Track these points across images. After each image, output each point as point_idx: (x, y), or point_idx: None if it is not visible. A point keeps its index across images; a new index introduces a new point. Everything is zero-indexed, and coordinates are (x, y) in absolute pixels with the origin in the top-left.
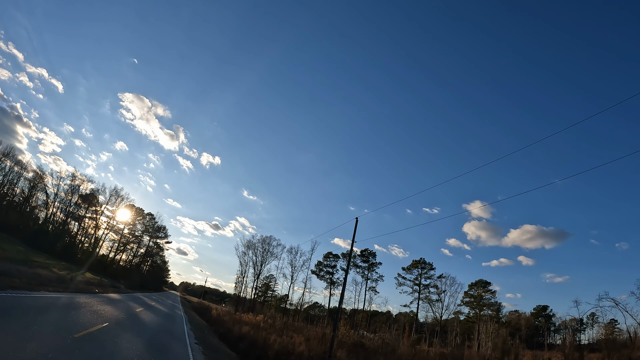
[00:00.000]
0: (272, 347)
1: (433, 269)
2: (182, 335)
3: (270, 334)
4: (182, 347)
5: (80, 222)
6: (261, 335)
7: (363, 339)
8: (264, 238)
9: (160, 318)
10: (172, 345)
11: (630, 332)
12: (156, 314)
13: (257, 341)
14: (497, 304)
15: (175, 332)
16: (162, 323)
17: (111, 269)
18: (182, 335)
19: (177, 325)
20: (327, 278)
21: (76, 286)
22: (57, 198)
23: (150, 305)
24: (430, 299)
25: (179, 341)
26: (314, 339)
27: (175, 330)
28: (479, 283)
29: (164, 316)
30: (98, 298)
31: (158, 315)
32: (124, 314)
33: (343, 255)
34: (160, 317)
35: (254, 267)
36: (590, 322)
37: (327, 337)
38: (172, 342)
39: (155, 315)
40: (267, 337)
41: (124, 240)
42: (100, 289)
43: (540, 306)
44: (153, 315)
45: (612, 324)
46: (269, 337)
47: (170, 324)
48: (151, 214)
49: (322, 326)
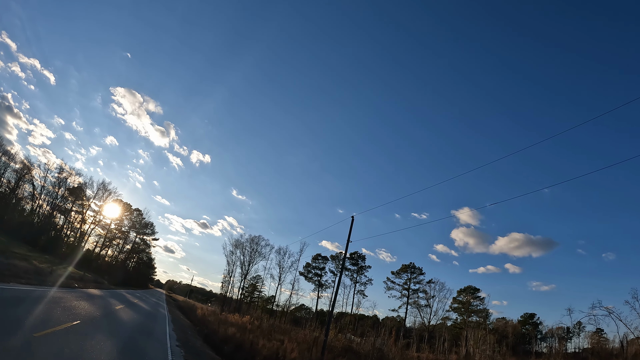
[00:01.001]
0: (261, 352)
1: (422, 274)
2: (163, 336)
3: (257, 337)
4: (161, 350)
5: (66, 216)
6: (248, 337)
7: (352, 343)
8: (253, 238)
9: (141, 317)
10: (149, 348)
11: (623, 342)
12: (137, 312)
13: (243, 344)
14: (485, 311)
15: (156, 333)
16: (142, 322)
17: (96, 264)
18: (163, 336)
19: (158, 325)
20: (315, 280)
21: (54, 280)
22: (43, 190)
23: (132, 303)
24: (418, 304)
25: (159, 343)
26: (303, 342)
27: (156, 330)
28: (467, 289)
29: (146, 315)
30: (75, 293)
31: (139, 314)
32: (100, 311)
33: (332, 257)
34: (141, 315)
35: (242, 266)
36: (577, 331)
37: (318, 341)
38: (150, 344)
39: (136, 313)
40: (254, 341)
41: (110, 236)
42: (81, 284)
43: (528, 314)
44: (133, 313)
45: (599, 333)
46: (257, 340)
47: (151, 324)
48: (139, 209)
49: (310, 329)
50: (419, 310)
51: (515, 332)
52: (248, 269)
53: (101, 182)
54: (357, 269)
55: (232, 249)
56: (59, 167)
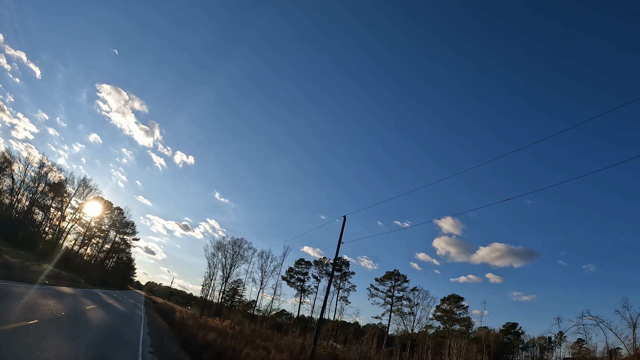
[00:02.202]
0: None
1: (407, 281)
2: (136, 341)
3: (239, 343)
4: (130, 357)
5: (45, 212)
6: (229, 344)
7: (337, 351)
8: (235, 240)
9: (114, 318)
10: (116, 355)
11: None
12: (110, 314)
13: (224, 351)
14: (468, 320)
15: (127, 337)
16: (113, 325)
17: (74, 262)
18: (136, 341)
19: (132, 328)
20: (297, 285)
21: (24, 275)
22: (23, 185)
23: (106, 303)
24: (402, 311)
25: (129, 349)
26: (288, 349)
27: (128, 334)
28: (451, 298)
29: (119, 317)
30: (44, 290)
31: (112, 315)
32: (67, 310)
33: (315, 262)
34: (113, 317)
35: (223, 269)
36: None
37: (305, 349)
38: (118, 350)
39: (109, 314)
40: (236, 348)
41: (90, 234)
42: (53, 281)
43: (510, 323)
44: (105, 314)
45: (579, 343)
46: (239, 347)
47: (123, 327)
48: (120, 208)
49: (293, 335)
50: (402, 318)
51: (497, 341)
52: (230, 272)
53: (82, 179)
54: (340, 275)
55: (213, 251)
56: (40, 162)
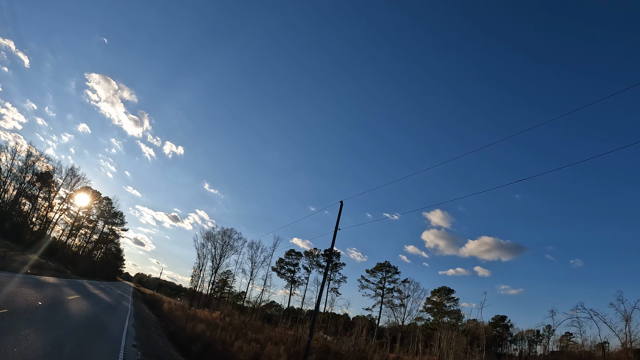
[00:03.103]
0: (237, 356)
1: (398, 273)
2: (119, 333)
3: (230, 335)
4: (111, 351)
5: (33, 202)
6: (219, 336)
7: (329, 344)
8: (225, 230)
9: (97, 309)
10: (95, 348)
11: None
12: (93, 305)
13: (214, 344)
14: (458, 312)
15: (110, 330)
16: (95, 316)
17: (61, 253)
18: (119, 333)
19: (116, 319)
20: (288, 276)
21: (5, 264)
22: (10, 175)
23: (91, 294)
24: (392, 303)
25: (110, 343)
26: (281, 342)
27: (111, 326)
28: (441, 290)
29: (104, 308)
30: (24, 280)
31: (95, 306)
32: (45, 301)
33: (306, 253)
34: (97, 308)
35: (213, 260)
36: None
37: (300, 341)
38: (98, 343)
39: (93, 305)
40: (227, 340)
41: (78, 224)
42: (36, 271)
43: (499, 316)
44: (89, 305)
45: (567, 337)
46: (230, 340)
47: (107, 318)
48: (108, 198)
49: (284, 326)
50: (393, 309)
51: (487, 334)
52: (219, 263)
53: (70, 168)
54: (331, 266)
55: (203, 241)
56: (28, 151)
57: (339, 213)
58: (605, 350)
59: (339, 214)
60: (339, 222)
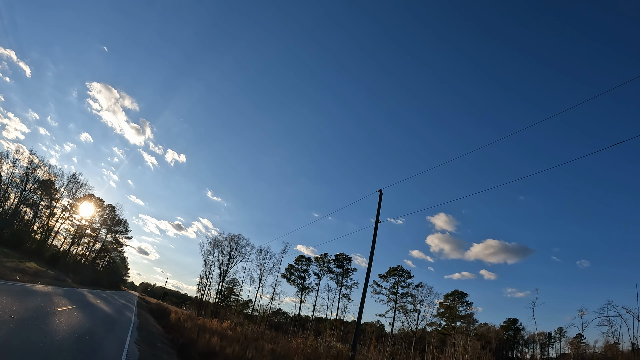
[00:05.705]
0: None
1: (411, 277)
2: (116, 353)
3: (250, 352)
4: None
5: (34, 210)
6: (242, 352)
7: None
8: (232, 236)
9: (93, 323)
10: None
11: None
12: (89, 317)
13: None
14: (470, 316)
15: (104, 350)
16: (88, 332)
17: (63, 261)
18: (116, 353)
19: (116, 335)
20: (298, 283)
21: None
22: (11, 182)
23: (89, 304)
24: (405, 308)
25: None
26: (312, 357)
27: (107, 345)
28: (454, 293)
29: (102, 320)
30: (5, 287)
31: (91, 319)
32: (23, 313)
33: (316, 259)
34: (93, 321)
35: (220, 267)
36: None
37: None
38: None
39: (88, 318)
40: (248, 356)
41: (80, 233)
42: (27, 278)
43: (510, 319)
44: (83, 318)
45: (578, 339)
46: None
47: (103, 334)
48: (111, 205)
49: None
50: (406, 315)
51: (498, 337)
52: (227, 270)
53: (72, 175)
54: (342, 272)
55: (209, 248)
56: (29, 160)
57: (379, 204)
58: (616, 352)
59: (379, 205)
60: (379, 215)
